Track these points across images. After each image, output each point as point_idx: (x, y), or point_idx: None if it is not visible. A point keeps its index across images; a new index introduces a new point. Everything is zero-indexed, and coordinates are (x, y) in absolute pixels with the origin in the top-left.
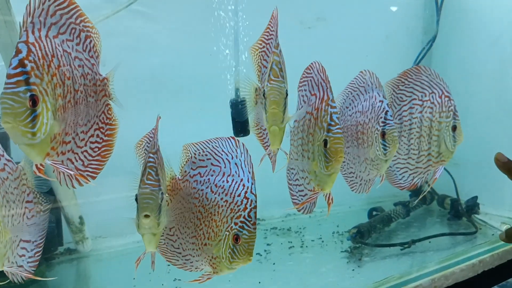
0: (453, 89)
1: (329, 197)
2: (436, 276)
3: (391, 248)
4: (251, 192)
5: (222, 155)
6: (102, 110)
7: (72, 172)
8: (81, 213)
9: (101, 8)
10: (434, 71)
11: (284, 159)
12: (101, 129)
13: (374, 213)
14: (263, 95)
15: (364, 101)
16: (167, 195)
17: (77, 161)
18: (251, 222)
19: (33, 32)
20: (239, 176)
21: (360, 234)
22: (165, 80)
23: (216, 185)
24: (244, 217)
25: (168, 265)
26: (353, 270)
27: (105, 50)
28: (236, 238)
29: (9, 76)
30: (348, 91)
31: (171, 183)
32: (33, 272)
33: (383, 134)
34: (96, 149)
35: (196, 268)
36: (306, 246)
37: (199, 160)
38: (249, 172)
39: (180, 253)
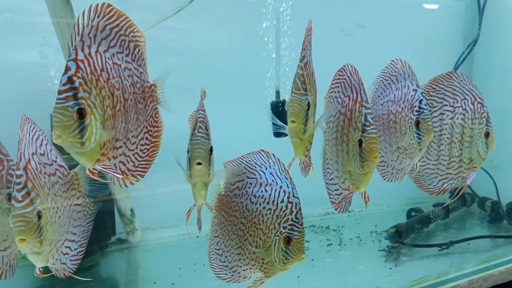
0: (494, 92)
1: (365, 196)
2: (474, 277)
3: (429, 248)
4: (293, 196)
5: (256, 167)
6: (151, 115)
7: (120, 176)
8: (132, 205)
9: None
10: (466, 78)
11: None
12: (149, 132)
13: (413, 213)
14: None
15: (396, 90)
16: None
17: (128, 163)
18: (299, 223)
19: (82, 50)
20: (277, 184)
21: (398, 233)
22: (212, 81)
23: (255, 196)
24: (292, 219)
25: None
26: (390, 268)
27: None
28: (288, 240)
29: (59, 92)
30: (380, 81)
31: (218, 200)
32: (75, 270)
33: (418, 123)
34: (145, 151)
35: (244, 278)
36: (344, 244)
37: (236, 175)
38: (287, 178)
39: (226, 266)
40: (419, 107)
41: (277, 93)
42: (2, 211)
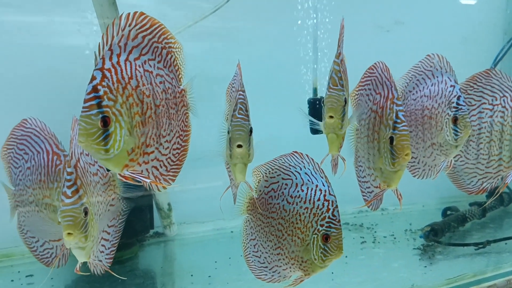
0: None
1: (397, 193)
2: None
3: (465, 247)
4: (329, 194)
5: (290, 168)
6: (182, 119)
7: (148, 181)
8: (170, 200)
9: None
10: (505, 75)
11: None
12: (181, 136)
13: (449, 212)
14: (322, 103)
15: (432, 85)
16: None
17: (161, 167)
18: (336, 220)
19: (110, 59)
20: (312, 183)
21: (433, 232)
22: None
23: (291, 196)
24: (329, 217)
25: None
26: (425, 267)
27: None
28: (326, 238)
29: (84, 101)
30: (412, 75)
31: (250, 203)
32: (109, 267)
33: (455, 119)
34: (177, 155)
35: (284, 277)
36: (378, 242)
37: (270, 177)
38: (322, 177)
39: (266, 267)
40: (457, 103)
41: (314, 90)
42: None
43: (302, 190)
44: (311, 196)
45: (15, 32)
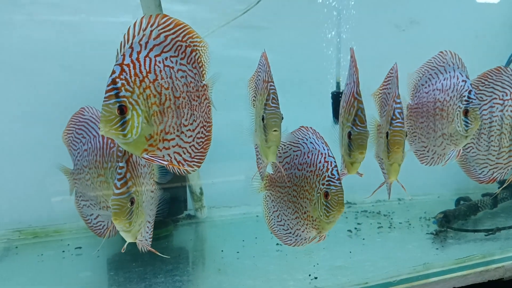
0: None
1: (390, 188)
2: None
3: (475, 233)
4: (328, 155)
5: (299, 141)
6: (205, 111)
7: (166, 163)
8: (201, 185)
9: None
10: None
11: None
12: (204, 127)
13: (462, 202)
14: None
15: (444, 79)
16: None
17: (184, 154)
18: (335, 178)
19: (130, 55)
20: (316, 149)
21: (446, 218)
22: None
23: (300, 164)
24: (328, 176)
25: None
26: (437, 249)
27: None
28: (326, 195)
29: (105, 92)
30: (424, 70)
31: (268, 180)
32: (150, 245)
33: (466, 112)
34: (201, 143)
35: (304, 240)
36: (394, 227)
37: (283, 153)
38: (323, 143)
39: (290, 232)
40: (468, 97)
41: (337, 84)
42: (112, 181)
43: (308, 157)
44: (314, 160)
45: (68, 31)
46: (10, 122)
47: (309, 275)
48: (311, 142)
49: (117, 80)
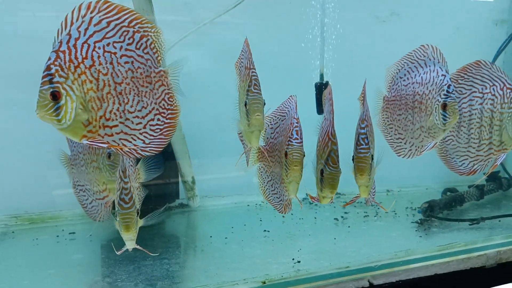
0: None
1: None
2: (503, 249)
3: (460, 223)
4: (294, 118)
5: (285, 110)
6: (162, 98)
7: (105, 145)
8: (193, 174)
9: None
10: (496, 66)
11: None
12: (162, 114)
13: (448, 193)
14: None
15: (424, 73)
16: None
17: (135, 140)
18: (293, 138)
19: (68, 42)
20: (290, 115)
21: (430, 208)
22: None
23: (285, 130)
24: (289, 137)
25: (260, 220)
26: (421, 237)
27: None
28: (285, 154)
29: (41, 78)
30: (404, 62)
31: (259, 153)
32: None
33: (444, 106)
34: (158, 130)
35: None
36: (380, 216)
37: (274, 124)
38: (294, 107)
39: (280, 199)
40: (447, 91)
41: (321, 75)
42: (103, 166)
43: (286, 124)
44: (287, 125)
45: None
46: (6, 108)
47: (293, 259)
48: (292, 109)
49: (51, 66)
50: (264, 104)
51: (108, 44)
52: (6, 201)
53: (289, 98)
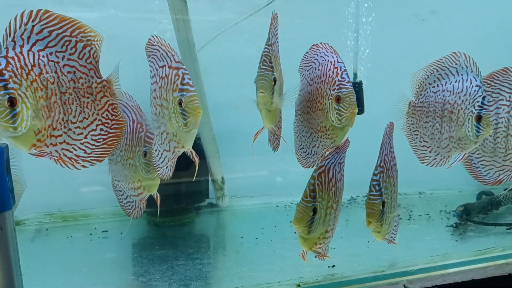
0: None
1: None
2: None
3: (496, 227)
4: (338, 62)
5: (310, 59)
6: (105, 109)
7: (55, 157)
8: (223, 174)
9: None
10: None
11: None
12: (106, 124)
13: (483, 196)
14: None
15: (456, 82)
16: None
17: (75, 150)
18: (346, 81)
19: (13, 48)
20: (325, 60)
21: (466, 211)
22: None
23: (312, 79)
24: (338, 80)
25: (290, 221)
26: (456, 241)
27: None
28: (338, 99)
29: None
30: (433, 69)
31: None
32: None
33: (479, 118)
34: (101, 140)
35: (319, 155)
36: (413, 219)
37: (301, 76)
38: (332, 52)
39: (308, 153)
40: (482, 103)
41: (355, 75)
42: (139, 164)
43: (318, 70)
44: (324, 70)
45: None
46: None
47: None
48: (321, 56)
49: (4, 72)
50: (275, 81)
51: (51, 54)
52: (40, 198)
53: (312, 47)
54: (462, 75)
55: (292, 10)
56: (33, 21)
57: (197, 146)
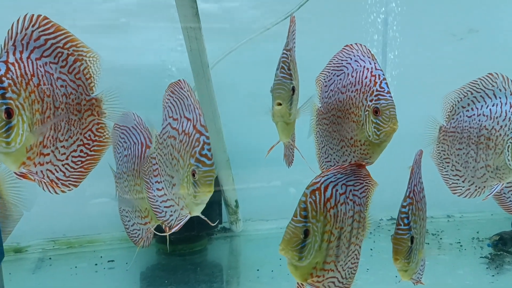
0: None
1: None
2: None
3: None
4: (375, 69)
5: (342, 62)
6: (89, 128)
7: (39, 178)
8: (237, 197)
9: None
10: None
11: None
12: (86, 145)
13: None
14: None
15: (493, 105)
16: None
17: (57, 172)
18: (385, 91)
19: (14, 54)
20: (360, 66)
21: (502, 241)
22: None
23: (344, 86)
24: (376, 90)
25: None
26: (493, 276)
27: None
28: (376, 111)
29: None
30: (467, 90)
31: (316, 117)
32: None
33: None
34: (79, 162)
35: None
36: (444, 249)
37: (328, 80)
38: (369, 57)
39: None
40: None
41: None
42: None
43: (352, 76)
44: (359, 77)
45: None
46: None
47: None
48: (355, 61)
49: (3, 79)
50: (293, 90)
51: (46, 64)
52: (44, 223)
53: (345, 48)
54: (500, 98)
55: (313, 23)
56: (33, 26)
57: None
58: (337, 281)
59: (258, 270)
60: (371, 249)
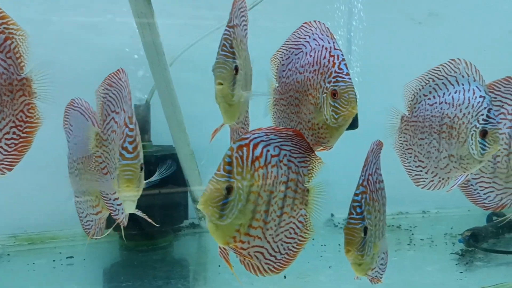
0: None
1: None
2: None
3: (508, 255)
4: (334, 49)
5: (300, 40)
6: (21, 109)
7: None
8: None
9: None
10: None
11: None
12: (19, 127)
13: (494, 218)
14: None
15: (456, 92)
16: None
17: None
18: (344, 73)
19: None
20: (318, 45)
21: (474, 237)
22: None
23: (302, 66)
24: (335, 71)
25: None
26: (461, 273)
27: None
28: (334, 94)
29: None
30: (429, 78)
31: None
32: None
33: (484, 133)
34: (12, 145)
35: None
36: (414, 245)
37: (285, 59)
38: (328, 36)
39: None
40: (488, 116)
41: None
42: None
43: (310, 56)
44: (318, 57)
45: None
46: None
47: None
48: (314, 39)
49: None
50: (236, 70)
51: None
52: (5, 219)
53: (304, 25)
54: (463, 84)
55: (276, 11)
56: None
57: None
58: (267, 252)
59: (219, 266)
60: (339, 244)
